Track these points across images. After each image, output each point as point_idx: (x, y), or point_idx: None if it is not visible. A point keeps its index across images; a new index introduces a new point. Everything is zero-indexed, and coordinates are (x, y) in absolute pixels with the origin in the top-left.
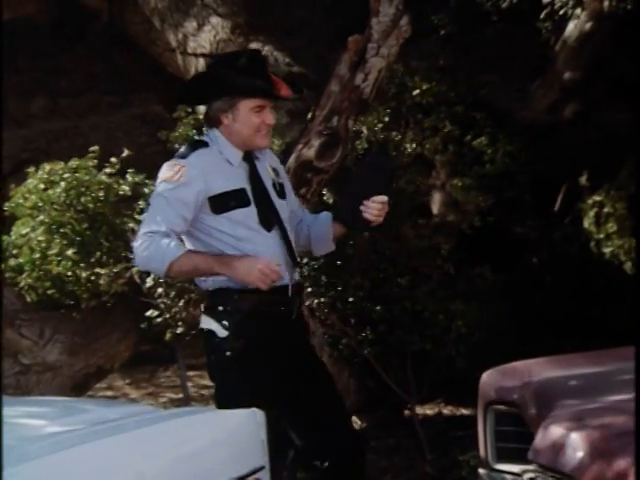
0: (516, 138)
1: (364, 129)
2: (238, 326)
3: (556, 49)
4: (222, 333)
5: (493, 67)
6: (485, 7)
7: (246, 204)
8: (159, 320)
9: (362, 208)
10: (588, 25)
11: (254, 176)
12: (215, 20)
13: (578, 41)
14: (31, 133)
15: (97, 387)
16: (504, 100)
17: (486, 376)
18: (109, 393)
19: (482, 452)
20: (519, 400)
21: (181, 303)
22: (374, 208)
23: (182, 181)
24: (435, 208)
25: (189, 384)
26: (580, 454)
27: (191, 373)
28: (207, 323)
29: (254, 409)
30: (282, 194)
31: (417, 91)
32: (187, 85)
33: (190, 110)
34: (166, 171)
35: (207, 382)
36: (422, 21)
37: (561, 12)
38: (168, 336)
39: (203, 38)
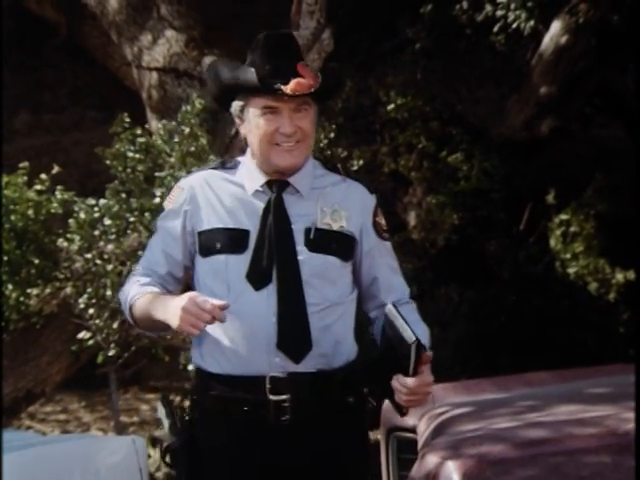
0: (492, 154)
1: None
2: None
3: (532, 63)
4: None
5: (469, 81)
6: (460, 20)
7: (237, 250)
8: (91, 342)
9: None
10: (564, 38)
11: (270, 213)
12: (170, 33)
13: (554, 55)
14: (12, 149)
15: (49, 411)
16: (480, 116)
17: (388, 402)
18: (62, 417)
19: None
20: (418, 427)
21: (115, 325)
22: (401, 392)
23: (171, 207)
24: (411, 225)
25: (145, 407)
26: None
27: (151, 395)
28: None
29: (134, 436)
30: (319, 246)
31: (392, 106)
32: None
33: (127, 125)
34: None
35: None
36: (397, 34)
37: (514, 25)
38: (100, 359)
39: (157, 52)
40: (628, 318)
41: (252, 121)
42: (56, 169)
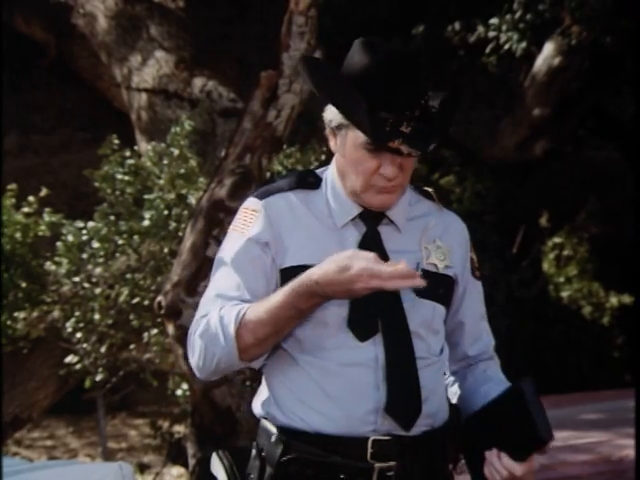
0: (484, 177)
1: (276, 166)
2: None
3: (525, 85)
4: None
5: (461, 103)
6: (452, 41)
7: None
8: (78, 367)
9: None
10: (557, 60)
11: (367, 248)
12: (159, 54)
13: (547, 77)
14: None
15: (36, 436)
16: (473, 137)
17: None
18: (49, 443)
19: None
20: None
21: (103, 349)
22: (499, 473)
23: (246, 235)
24: None
25: (134, 433)
26: None
27: (140, 421)
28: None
29: (121, 463)
30: (426, 290)
31: None
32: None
33: (116, 147)
34: (235, 221)
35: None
36: None
37: (506, 47)
38: (88, 383)
39: (146, 72)
40: (623, 342)
41: (349, 149)
42: (44, 191)
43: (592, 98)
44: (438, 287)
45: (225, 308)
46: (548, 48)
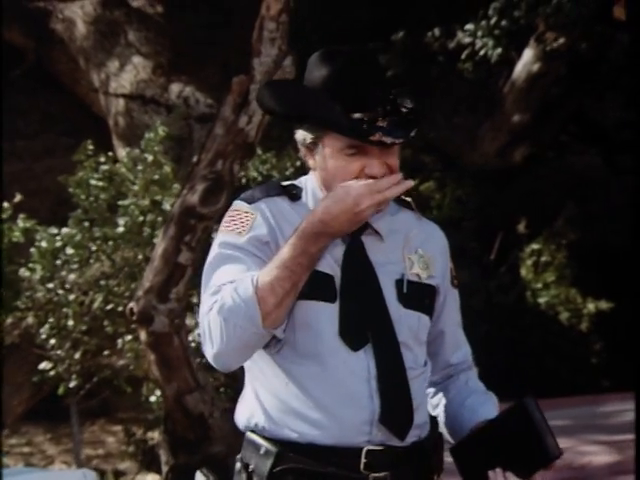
0: (465, 183)
1: (252, 172)
2: None
3: (504, 91)
4: None
5: (442, 109)
6: (432, 47)
7: (328, 297)
8: (52, 373)
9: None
10: (536, 66)
11: (353, 258)
12: (137, 60)
13: (526, 82)
14: None
15: (14, 443)
16: (453, 143)
17: None
18: (26, 449)
19: None
20: None
21: (77, 355)
22: None
23: (247, 233)
24: None
25: (112, 439)
26: None
27: (118, 428)
28: None
29: (85, 470)
30: (412, 301)
31: None
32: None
33: (91, 153)
34: (225, 221)
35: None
36: None
37: (482, 53)
38: (61, 390)
39: (124, 78)
40: (601, 349)
41: (329, 161)
42: (18, 197)
43: (573, 104)
44: (423, 297)
45: (236, 281)
46: (527, 54)
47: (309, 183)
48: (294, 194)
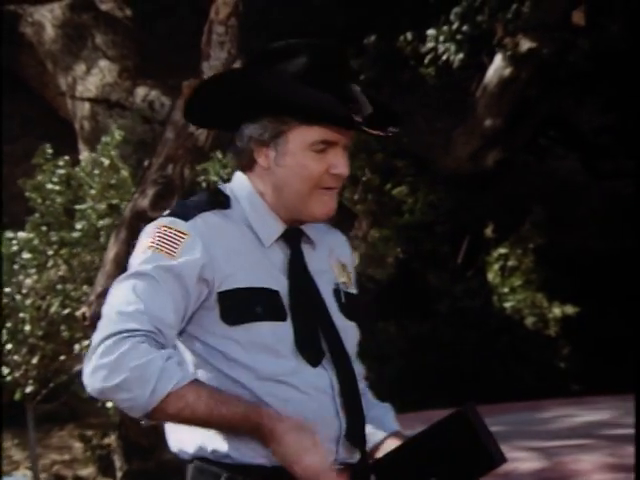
0: (437, 187)
1: (212, 176)
2: None
3: (476, 95)
4: None
5: (415, 113)
6: (405, 51)
7: (280, 316)
8: (9, 379)
9: None
10: (507, 71)
11: (297, 269)
12: (103, 63)
13: (498, 87)
14: None
15: None
16: (426, 147)
17: None
18: None
19: None
20: None
21: (34, 360)
22: None
23: (180, 257)
24: (357, 260)
25: (79, 445)
26: None
27: (90, 432)
28: None
29: (19, 476)
30: (351, 312)
31: None
32: (201, 90)
33: (50, 156)
34: (153, 237)
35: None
36: None
37: (444, 58)
38: (18, 395)
39: (90, 82)
40: (569, 353)
41: (295, 156)
42: None
43: (545, 108)
44: (356, 307)
45: (173, 360)
46: (498, 59)
47: (240, 190)
48: (223, 202)
